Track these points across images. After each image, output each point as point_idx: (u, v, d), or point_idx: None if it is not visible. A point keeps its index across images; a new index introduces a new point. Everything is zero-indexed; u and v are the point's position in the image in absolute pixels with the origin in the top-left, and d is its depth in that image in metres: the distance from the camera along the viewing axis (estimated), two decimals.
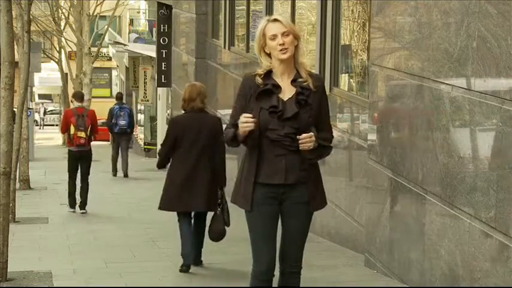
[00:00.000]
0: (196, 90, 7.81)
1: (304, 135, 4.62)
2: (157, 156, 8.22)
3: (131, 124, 19.42)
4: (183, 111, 7.87)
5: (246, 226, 4.84)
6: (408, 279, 6.45)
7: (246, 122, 4.61)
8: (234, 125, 4.72)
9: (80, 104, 12.82)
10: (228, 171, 7.90)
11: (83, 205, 12.88)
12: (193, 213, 7.90)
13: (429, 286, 6.00)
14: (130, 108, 20.60)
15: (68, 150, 12.88)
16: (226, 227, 7.63)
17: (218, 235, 7.65)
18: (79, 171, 12.80)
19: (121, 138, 19.42)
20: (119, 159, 19.65)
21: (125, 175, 19.46)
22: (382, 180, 7.04)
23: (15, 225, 11.18)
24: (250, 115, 4.63)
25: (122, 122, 19.15)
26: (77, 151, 12.57)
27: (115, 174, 19.73)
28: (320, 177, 4.88)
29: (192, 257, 7.77)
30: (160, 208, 7.92)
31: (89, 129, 12.51)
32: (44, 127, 54.11)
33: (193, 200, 7.64)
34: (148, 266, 8.13)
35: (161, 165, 8.00)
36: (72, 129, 12.45)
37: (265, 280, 4.77)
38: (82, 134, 12.43)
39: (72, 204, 12.94)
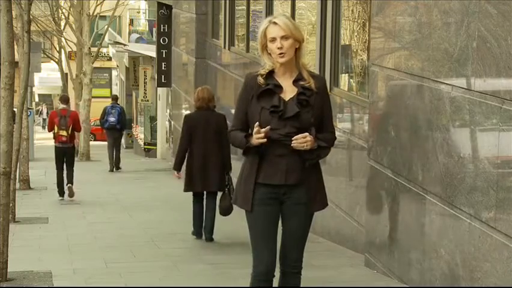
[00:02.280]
0: (206, 92, 9.66)
1: (298, 135, 4.63)
2: (174, 159, 9.82)
3: (120, 121, 21.47)
4: (196, 109, 9.68)
5: (246, 226, 4.84)
6: (408, 279, 6.45)
7: (259, 138, 4.60)
8: (245, 136, 4.70)
9: (64, 106, 14.75)
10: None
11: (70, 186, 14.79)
12: (205, 193, 9.64)
13: (429, 286, 6.00)
14: (121, 107, 22.57)
15: (54, 146, 14.71)
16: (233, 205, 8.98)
17: (226, 210, 9.36)
18: (65, 164, 14.67)
19: (112, 135, 21.62)
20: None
21: (117, 168, 21.65)
22: (382, 180, 7.04)
23: (15, 225, 11.18)
24: (263, 130, 4.60)
25: (111, 119, 21.37)
26: (60, 147, 14.53)
27: (111, 170, 21.58)
28: (321, 178, 4.87)
29: (201, 232, 9.60)
30: (185, 191, 9.61)
31: (70, 128, 14.39)
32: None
33: (210, 182, 9.41)
34: (148, 266, 8.13)
35: (178, 166, 9.65)
36: (56, 128, 14.40)
37: (266, 280, 4.77)
38: (64, 133, 14.36)
39: (61, 193, 14.73)
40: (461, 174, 5.40)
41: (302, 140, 4.63)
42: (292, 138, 4.64)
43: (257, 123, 4.63)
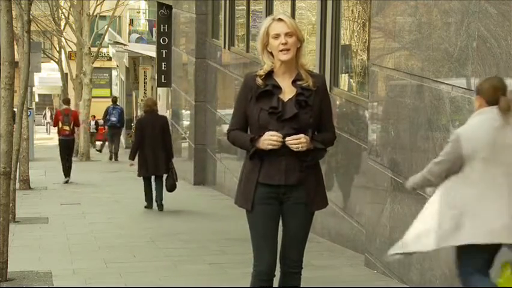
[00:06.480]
0: (150, 100, 13.45)
1: (291, 137, 4.62)
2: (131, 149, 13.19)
3: (120, 121, 26.14)
4: (144, 113, 13.18)
5: (246, 226, 4.84)
6: (408, 279, 6.45)
7: (272, 141, 4.60)
8: (252, 139, 4.69)
9: (66, 106, 19.14)
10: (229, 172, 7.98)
11: (67, 175, 18.69)
12: (153, 176, 12.88)
13: (429, 286, 6.00)
14: (121, 108, 27.35)
15: (58, 139, 18.62)
16: (176, 183, 12.78)
17: (171, 187, 12.76)
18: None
19: (113, 131, 26.35)
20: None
21: (115, 158, 26.43)
22: (382, 180, 7.04)
23: (15, 225, 11.18)
24: (279, 135, 4.61)
25: (113, 119, 25.88)
26: (64, 139, 18.34)
27: (110, 158, 26.55)
28: (321, 178, 4.87)
29: (152, 204, 12.91)
30: (138, 175, 12.89)
31: (72, 124, 18.23)
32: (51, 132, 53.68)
33: (157, 167, 12.69)
34: (148, 266, 8.13)
35: (133, 156, 12.79)
36: (60, 124, 18.22)
37: (266, 280, 4.77)
38: (67, 128, 18.19)
39: (66, 175, 18.50)
40: None
41: (295, 141, 4.62)
42: (287, 138, 4.63)
43: (273, 133, 4.62)
